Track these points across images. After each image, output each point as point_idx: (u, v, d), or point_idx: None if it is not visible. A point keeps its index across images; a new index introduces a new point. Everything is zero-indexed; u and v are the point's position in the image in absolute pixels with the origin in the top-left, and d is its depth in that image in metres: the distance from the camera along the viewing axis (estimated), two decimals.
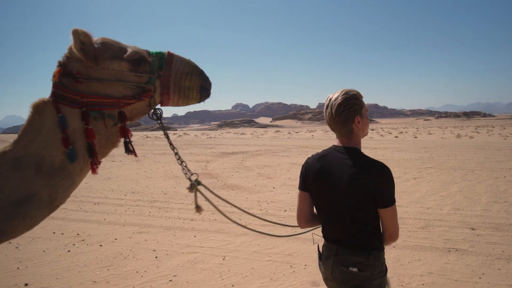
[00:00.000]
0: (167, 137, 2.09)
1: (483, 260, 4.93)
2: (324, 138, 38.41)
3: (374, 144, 26.90)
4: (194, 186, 2.12)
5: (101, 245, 5.67)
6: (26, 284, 4.34)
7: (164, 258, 5.15)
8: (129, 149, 1.90)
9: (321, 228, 2.11)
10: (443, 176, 11.77)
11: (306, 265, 4.87)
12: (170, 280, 4.46)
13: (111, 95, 1.81)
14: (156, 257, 5.18)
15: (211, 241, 5.87)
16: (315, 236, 2.37)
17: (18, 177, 1.68)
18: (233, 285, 4.34)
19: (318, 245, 2.16)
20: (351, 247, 1.90)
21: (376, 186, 1.81)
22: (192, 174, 2.14)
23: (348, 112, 1.91)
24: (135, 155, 1.91)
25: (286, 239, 5.87)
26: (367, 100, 2.17)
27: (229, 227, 6.61)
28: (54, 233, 6.30)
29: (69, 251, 5.43)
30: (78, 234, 6.24)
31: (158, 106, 1.99)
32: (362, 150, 1.99)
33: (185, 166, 2.14)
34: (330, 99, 1.97)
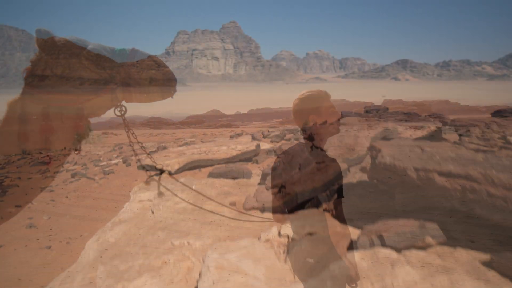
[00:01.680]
0: (128, 135, 2.15)
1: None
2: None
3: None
4: (151, 179, 2.34)
5: (60, 242, 5.66)
6: None
7: (108, 258, 4.97)
8: (75, 145, 2.00)
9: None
10: None
11: None
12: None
13: (71, 91, 1.87)
14: (101, 257, 5.03)
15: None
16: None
17: None
18: None
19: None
20: None
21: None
22: (157, 164, 2.34)
23: (301, 113, 1.99)
24: (78, 152, 2.00)
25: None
26: (438, 96, 1.90)
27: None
28: (30, 227, 6.45)
29: (26, 246, 5.48)
30: (51, 229, 6.30)
31: (123, 103, 2.00)
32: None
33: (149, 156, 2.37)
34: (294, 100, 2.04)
